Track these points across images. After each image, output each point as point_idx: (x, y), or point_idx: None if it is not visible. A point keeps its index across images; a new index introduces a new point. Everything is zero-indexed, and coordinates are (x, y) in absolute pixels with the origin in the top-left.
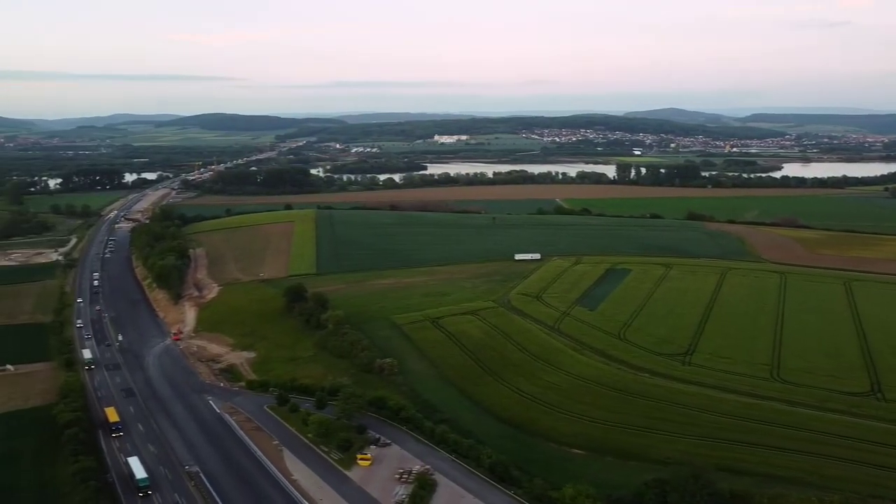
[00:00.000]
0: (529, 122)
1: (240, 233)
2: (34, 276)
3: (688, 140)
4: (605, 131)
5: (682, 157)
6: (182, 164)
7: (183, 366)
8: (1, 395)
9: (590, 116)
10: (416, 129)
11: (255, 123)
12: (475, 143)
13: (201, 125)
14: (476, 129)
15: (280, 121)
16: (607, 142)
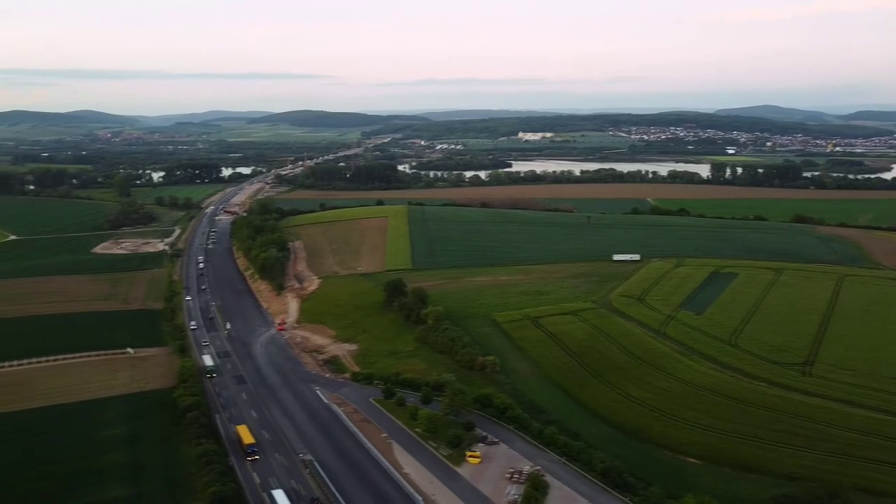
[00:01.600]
0: (616, 120)
1: (336, 227)
2: (144, 265)
3: (785, 139)
4: (696, 129)
5: (779, 156)
6: (274, 160)
7: (289, 355)
8: (124, 376)
9: (679, 114)
10: (500, 127)
11: (341, 120)
12: (560, 140)
13: (290, 122)
14: (561, 127)
15: (365, 118)
16: (698, 140)
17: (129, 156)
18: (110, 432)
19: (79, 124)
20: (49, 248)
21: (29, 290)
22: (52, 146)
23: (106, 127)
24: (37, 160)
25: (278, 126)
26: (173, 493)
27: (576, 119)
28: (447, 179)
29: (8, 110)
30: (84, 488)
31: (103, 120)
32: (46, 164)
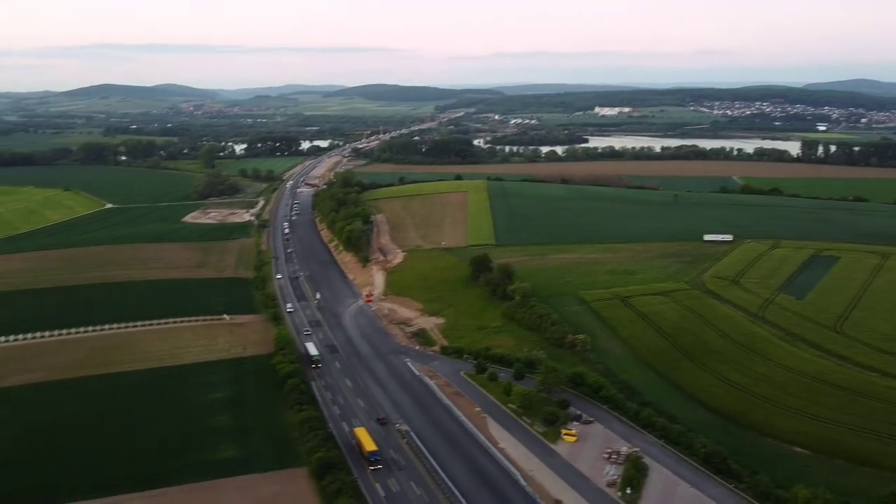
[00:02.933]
0: (698, 94)
1: (416, 201)
2: (232, 235)
3: (882, 115)
4: (784, 104)
5: (876, 133)
6: (349, 133)
7: (377, 327)
8: (223, 342)
9: (765, 88)
10: (576, 101)
11: (414, 94)
12: (638, 115)
13: (364, 96)
14: (639, 101)
15: (438, 91)
16: (786, 116)
17: (211, 128)
18: (215, 395)
19: (163, 97)
20: (143, 216)
21: (129, 256)
22: (139, 119)
23: (188, 100)
24: (126, 132)
25: (352, 100)
26: (279, 457)
27: (654, 93)
28: (523, 155)
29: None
30: (195, 448)
31: (186, 93)
32: (136, 136)
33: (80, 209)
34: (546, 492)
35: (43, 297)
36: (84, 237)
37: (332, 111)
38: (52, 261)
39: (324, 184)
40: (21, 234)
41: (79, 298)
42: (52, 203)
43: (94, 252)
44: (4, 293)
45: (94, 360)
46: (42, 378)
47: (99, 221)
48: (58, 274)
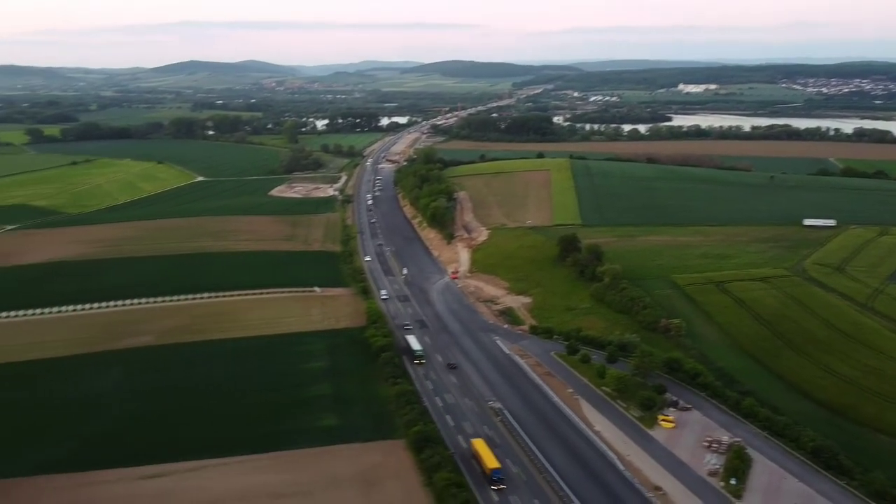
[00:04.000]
0: (790, 71)
1: (499, 179)
2: (318, 209)
3: None
4: (886, 81)
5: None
6: (427, 109)
7: (464, 304)
8: (316, 313)
9: (865, 64)
10: (659, 78)
11: (491, 70)
12: (725, 93)
13: (441, 72)
14: (726, 78)
15: (515, 68)
16: (888, 94)
17: (293, 104)
18: (314, 364)
19: (246, 73)
20: (231, 189)
21: (221, 228)
22: (224, 94)
23: (270, 76)
24: (213, 107)
25: (429, 76)
26: (377, 428)
27: (742, 70)
28: (604, 133)
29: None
30: (298, 415)
31: (267, 70)
32: (222, 111)
33: (173, 182)
34: (644, 477)
35: (146, 265)
36: (178, 208)
37: (409, 87)
38: (151, 230)
39: (404, 160)
40: (120, 205)
41: (178, 267)
42: (147, 175)
43: (189, 223)
44: (112, 260)
45: (196, 327)
46: (150, 342)
47: (190, 194)
48: (158, 243)
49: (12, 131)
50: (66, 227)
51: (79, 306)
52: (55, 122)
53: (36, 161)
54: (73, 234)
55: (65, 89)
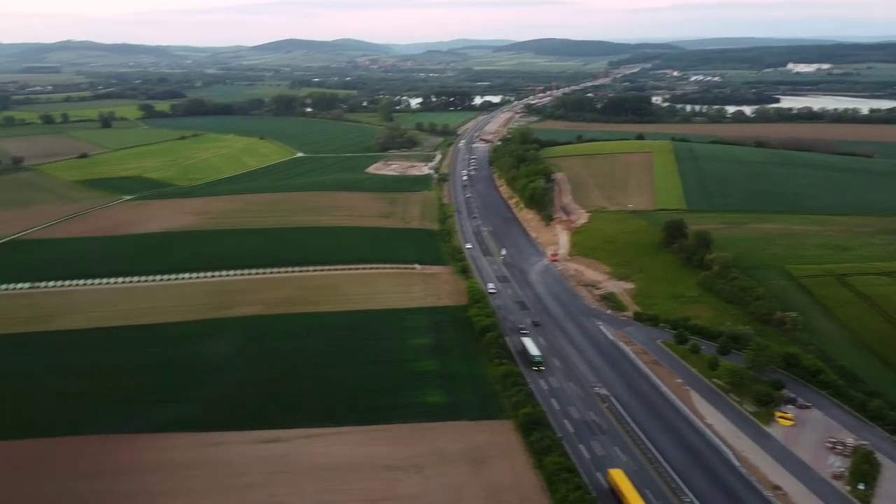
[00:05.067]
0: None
1: (597, 160)
2: (414, 187)
3: None
4: None
5: None
6: (520, 89)
7: (565, 287)
8: (418, 290)
9: None
10: (765, 56)
11: (586, 49)
12: (840, 73)
13: (534, 50)
14: (840, 57)
15: (611, 46)
16: None
17: (386, 82)
18: (418, 341)
19: (341, 51)
20: (329, 166)
21: (322, 203)
22: (320, 72)
23: (364, 54)
24: (309, 85)
25: (522, 54)
26: (484, 406)
27: (859, 48)
28: (706, 114)
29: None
30: (405, 389)
31: (361, 48)
32: (318, 88)
33: (275, 157)
34: (762, 474)
35: (253, 237)
36: (280, 183)
37: (501, 66)
38: (256, 204)
39: (498, 139)
40: (226, 178)
41: (283, 240)
42: (251, 150)
43: (292, 198)
44: (221, 231)
45: (303, 299)
46: (261, 311)
47: (291, 169)
48: (263, 216)
49: (127, 107)
50: (177, 198)
51: (192, 274)
52: (165, 98)
53: (148, 135)
54: (184, 206)
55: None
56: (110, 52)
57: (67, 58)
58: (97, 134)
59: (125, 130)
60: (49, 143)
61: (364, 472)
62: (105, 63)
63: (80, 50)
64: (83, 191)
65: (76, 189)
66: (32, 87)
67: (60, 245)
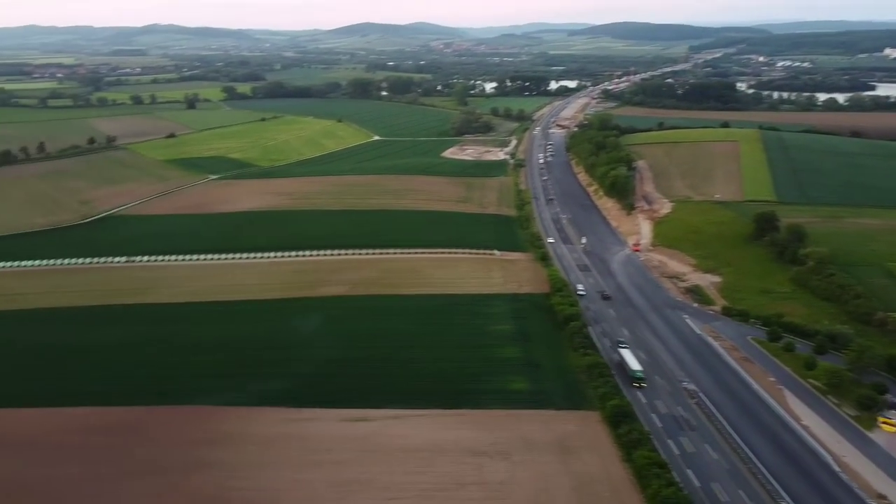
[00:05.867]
0: None
1: (680, 148)
2: (490, 172)
3: None
4: None
5: None
6: (596, 73)
7: (648, 278)
8: (497, 276)
9: None
10: (860, 41)
11: (665, 33)
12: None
13: (611, 34)
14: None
15: (692, 30)
16: None
17: (460, 66)
18: (500, 327)
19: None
20: (406, 150)
21: (400, 186)
22: (395, 56)
23: (438, 38)
24: (384, 68)
25: (598, 39)
26: (569, 396)
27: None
28: (794, 102)
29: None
30: (488, 375)
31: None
32: (393, 72)
33: (352, 140)
34: (864, 481)
35: (334, 218)
36: (358, 166)
37: (577, 50)
38: (336, 185)
39: (575, 125)
40: (306, 160)
41: (363, 222)
42: (329, 133)
43: (371, 180)
44: (302, 212)
45: (385, 281)
46: (344, 292)
47: (369, 152)
48: (343, 198)
49: (210, 89)
50: (259, 179)
51: (276, 253)
52: (246, 81)
53: (230, 116)
54: (266, 186)
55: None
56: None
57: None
58: (183, 115)
59: (209, 111)
60: (139, 122)
61: (451, 456)
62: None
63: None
64: (171, 169)
65: (165, 168)
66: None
67: (152, 221)
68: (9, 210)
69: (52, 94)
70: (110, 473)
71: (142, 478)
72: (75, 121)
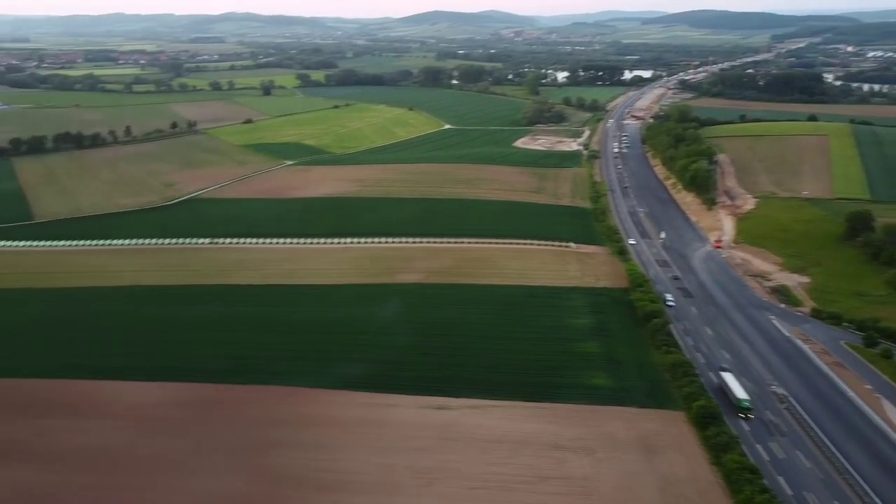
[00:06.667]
0: None
1: (764, 142)
2: (563, 163)
3: None
4: None
5: None
6: (672, 63)
7: (731, 276)
8: (573, 269)
9: None
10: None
11: (745, 21)
12: None
13: (688, 23)
14: None
15: (775, 18)
16: None
17: (531, 55)
18: (579, 321)
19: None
20: (477, 139)
21: (472, 175)
22: (465, 44)
23: (508, 26)
24: (454, 57)
25: (674, 27)
26: (652, 395)
27: None
28: (887, 95)
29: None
30: (569, 369)
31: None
32: (464, 60)
33: (423, 128)
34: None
35: (408, 206)
36: (430, 154)
37: (651, 39)
38: (409, 173)
39: (651, 116)
40: (378, 148)
41: (436, 211)
42: (400, 121)
43: (443, 169)
44: (377, 199)
45: (460, 270)
46: (421, 279)
47: (440, 140)
48: (416, 186)
49: (285, 76)
50: (333, 165)
51: (353, 239)
52: (319, 68)
53: (304, 103)
54: (340, 173)
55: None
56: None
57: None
58: (259, 101)
59: (284, 98)
60: (217, 108)
61: (532, 449)
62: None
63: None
64: (249, 154)
65: (243, 152)
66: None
67: (233, 204)
68: (100, 191)
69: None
70: (193, 447)
71: (224, 453)
72: (158, 105)
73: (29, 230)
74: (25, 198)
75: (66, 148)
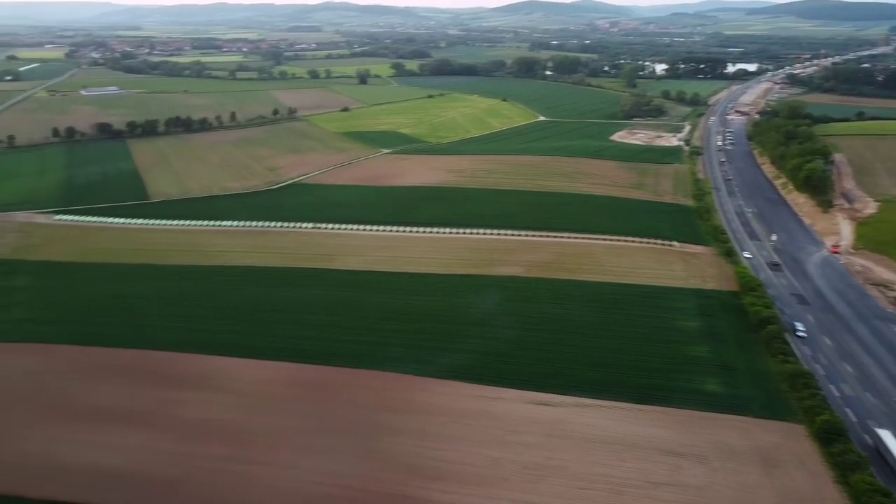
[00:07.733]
0: None
1: (886, 142)
2: (664, 158)
3: None
4: None
5: None
6: (779, 56)
7: (851, 284)
8: (678, 269)
9: None
10: None
11: (861, 11)
12: None
13: (796, 13)
14: None
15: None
16: None
17: (628, 46)
18: (686, 323)
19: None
20: (572, 131)
21: (569, 169)
22: (559, 35)
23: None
24: (548, 48)
25: (780, 18)
26: (769, 405)
27: None
28: None
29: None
30: (678, 373)
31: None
32: (558, 51)
33: (517, 119)
34: None
35: (505, 198)
36: (525, 146)
37: (756, 31)
38: (505, 165)
39: (757, 112)
40: (472, 138)
41: (535, 203)
42: (494, 112)
43: (540, 161)
44: (473, 189)
45: (560, 265)
46: (520, 273)
47: (535, 132)
48: (513, 178)
49: (380, 65)
50: (429, 154)
51: (451, 230)
52: (413, 58)
53: (399, 93)
54: (436, 162)
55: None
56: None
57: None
58: (355, 89)
59: (379, 87)
60: (316, 96)
61: (642, 453)
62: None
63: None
64: (347, 141)
65: (341, 140)
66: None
67: (334, 190)
68: (208, 173)
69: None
70: (306, 427)
71: (335, 435)
72: (260, 92)
73: (145, 209)
74: (141, 178)
75: (176, 131)
